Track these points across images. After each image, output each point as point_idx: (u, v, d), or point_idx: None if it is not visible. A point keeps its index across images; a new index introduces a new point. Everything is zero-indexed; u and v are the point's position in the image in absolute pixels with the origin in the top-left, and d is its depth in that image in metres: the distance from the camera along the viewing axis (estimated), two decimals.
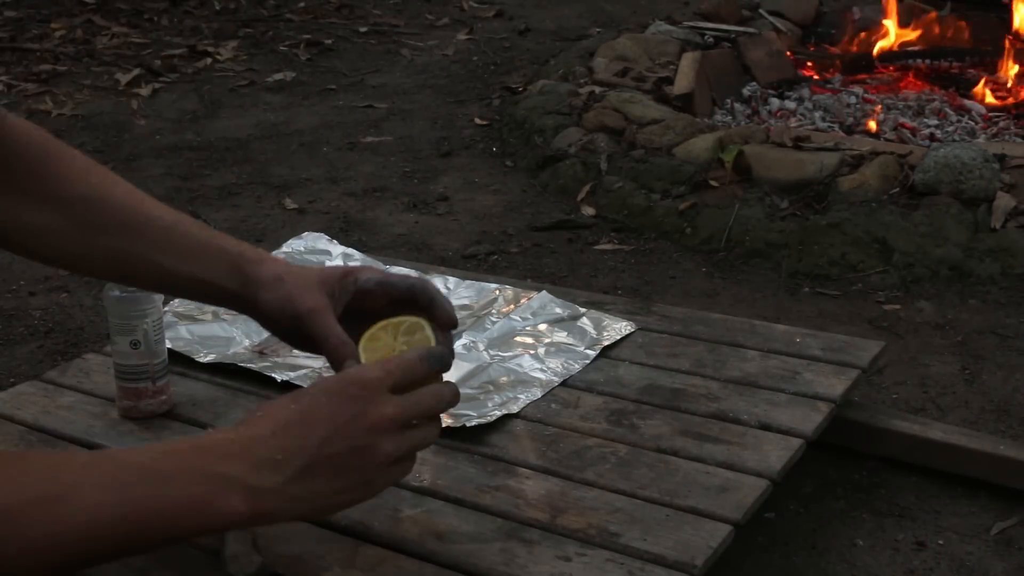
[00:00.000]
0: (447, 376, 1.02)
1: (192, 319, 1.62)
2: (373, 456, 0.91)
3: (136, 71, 4.12)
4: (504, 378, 1.45)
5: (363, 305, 1.09)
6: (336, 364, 1.03)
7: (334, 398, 0.90)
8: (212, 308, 1.65)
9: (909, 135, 3.00)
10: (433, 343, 1.03)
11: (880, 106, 3.13)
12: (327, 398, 0.91)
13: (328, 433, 0.89)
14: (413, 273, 1.14)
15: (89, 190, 1.08)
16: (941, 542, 1.49)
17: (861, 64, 3.58)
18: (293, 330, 1.07)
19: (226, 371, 1.50)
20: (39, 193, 1.06)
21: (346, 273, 1.10)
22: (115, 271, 1.13)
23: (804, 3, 3.90)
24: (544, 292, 1.68)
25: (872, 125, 3.05)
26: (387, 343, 1.03)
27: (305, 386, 1.04)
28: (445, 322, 1.07)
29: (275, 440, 0.88)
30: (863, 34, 3.70)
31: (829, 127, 3.11)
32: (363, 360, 1.01)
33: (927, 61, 3.51)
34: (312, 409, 0.90)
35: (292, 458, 0.88)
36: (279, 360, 1.50)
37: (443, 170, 3.09)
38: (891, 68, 3.54)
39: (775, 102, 3.34)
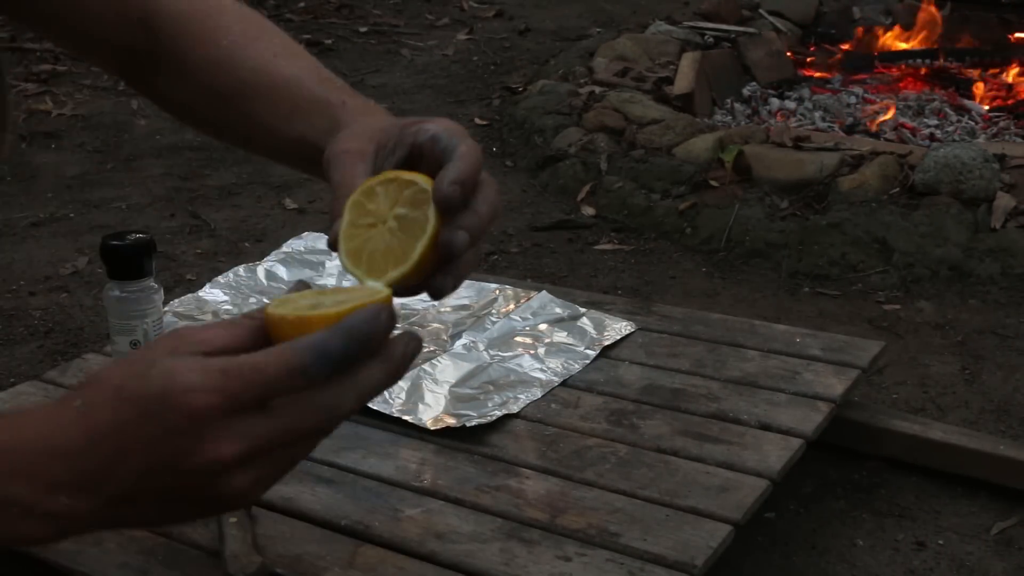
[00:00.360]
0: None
1: (192, 319, 1.62)
2: (215, 493, 0.66)
3: None
4: (504, 378, 1.45)
5: (419, 166, 0.83)
6: (335, 211, 0.78)
7: (151, 423, 0.64)
8: (212, 308, 1.65)
9: (909, 135, 3.01)
10: (430, 229, 0.74)
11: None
12: (141, 420, 0.64)
13: (147, 467, 0.65)
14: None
15: (219, 53, 0.97)
16: (941, 542, 1.49)
17: (861, 64, 3.58)
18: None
19: None
20: (176, 66, 0.99)
21: (412, 123, 0.85)
22: (244, 139, 1.01)
23: (804, 3, 3.91)
24: (544, 292, 1.68)
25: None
26: (378, 209, 0.76)
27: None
28: (439, 195, 0.74)
29: (82, 459, 0.65)
30: (863, 33, 3.71)
31: (829, 127, 3.11)
32: (344, 223, 0.75)
33: (927, 61, 3.51)
34: (127, 428, 0.65)
35: (101, 486, 0.66)
36: None
37: None
38: (891, 68, 3.54)
39: (775, 102, 3.34)
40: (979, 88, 3.30)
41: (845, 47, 3.70)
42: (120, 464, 0.65)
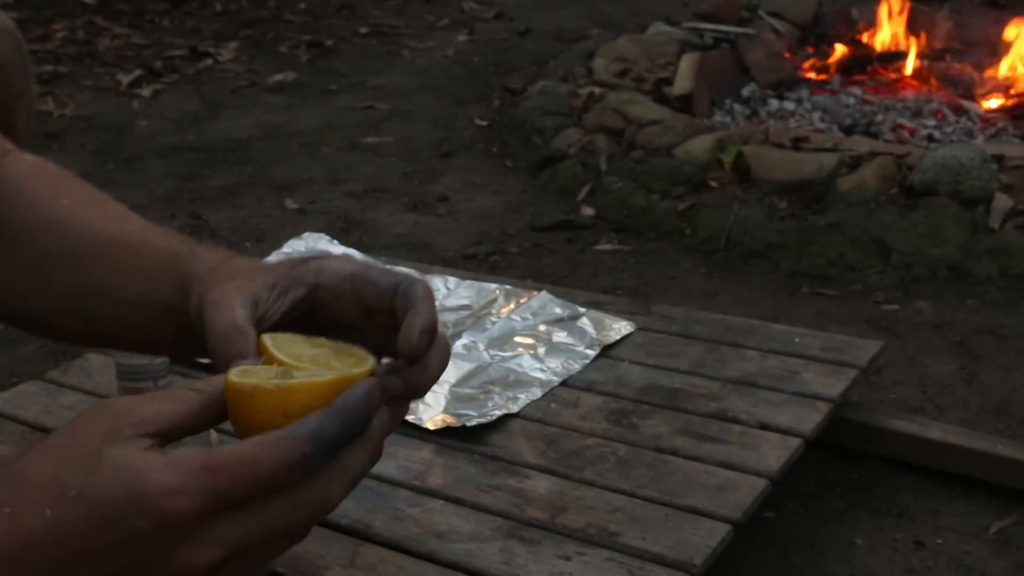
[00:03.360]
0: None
1: None
2: None
3: (137, 72, 4.13)
4: (504, 378, 1.46)
5: (328, 312, 0.73)
6: (219, 362, 0.66)
7: (113, 529, 0.54)
8: None
9: (907, 136, 3.01)
10: (370, 363, 0.63)
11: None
12: (101, 526, 0.54)
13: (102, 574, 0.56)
14: (415, 274, 0.73)
15: (59, 212, 0.86)
16: (940, 541, 1.50)
17: (860, 65, 3.59)
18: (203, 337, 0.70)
19: None
20: (7, 231, 0.85)
21: (305, 261, 0.74)
22: (69, 311, 0.85)
23: (803, 4, 3.91)
24: (544, 292, 1.69)
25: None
26: (302, 350, 0.65)
27: None
28: (405, 349, 0.66)
29: (23, 568, 0.55)
30: (862, 35, 3.71)
31: (828, 128, 3.11)
32: (268, 354, 0.63)
33: (925, 62, 3.52)
34: (72, 537, 0.55)
35: None
36: None
37: (443, 171, 3.10)
38: (889, 69, 3.55)
39: (774, 103, 3.35)
40: (977, 89, 3.30)
41: (844, 48, 3.70)
42: (69, 573, 0.56)
